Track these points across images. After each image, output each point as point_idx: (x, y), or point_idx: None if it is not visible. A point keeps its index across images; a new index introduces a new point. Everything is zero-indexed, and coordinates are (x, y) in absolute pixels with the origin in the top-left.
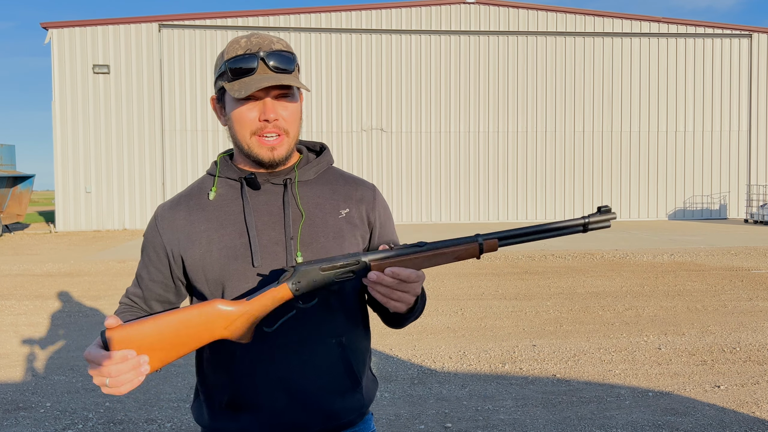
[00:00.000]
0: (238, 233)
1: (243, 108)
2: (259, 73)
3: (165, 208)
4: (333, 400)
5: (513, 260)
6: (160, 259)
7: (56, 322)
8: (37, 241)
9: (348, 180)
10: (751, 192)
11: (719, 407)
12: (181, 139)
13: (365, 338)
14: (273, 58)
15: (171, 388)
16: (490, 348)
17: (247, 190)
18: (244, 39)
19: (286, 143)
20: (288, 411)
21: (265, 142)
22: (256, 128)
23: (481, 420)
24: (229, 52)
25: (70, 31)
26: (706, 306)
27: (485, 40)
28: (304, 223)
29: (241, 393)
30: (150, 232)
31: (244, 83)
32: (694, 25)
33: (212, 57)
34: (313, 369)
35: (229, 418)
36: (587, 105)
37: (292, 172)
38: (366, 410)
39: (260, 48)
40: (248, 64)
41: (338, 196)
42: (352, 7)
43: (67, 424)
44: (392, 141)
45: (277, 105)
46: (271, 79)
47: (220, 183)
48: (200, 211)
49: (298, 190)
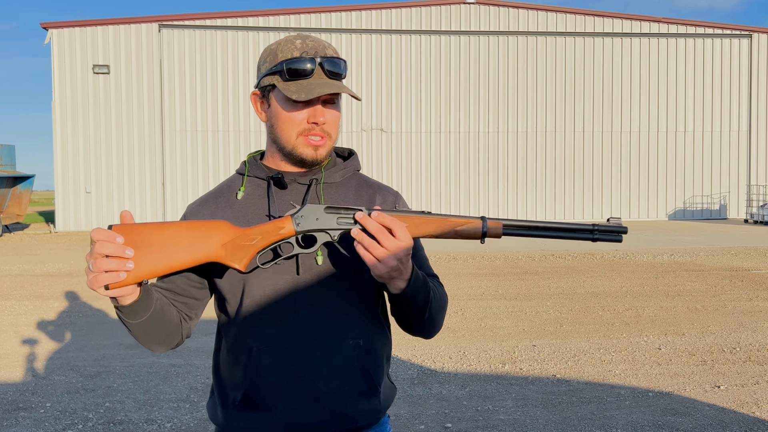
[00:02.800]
0: None
1: (294, 110)
2: (315, 77)
3: (194, 206)
4: (348, 403)
5: (513, 260)
6: None
7: (56, 322)
8: (37, 241)
9: (372, 185)
10: (751, 192)
11: (719, 407)
12: (181, 139)
13: (385, 344)
14: (329, 64)
15: (171, 388)
16: (490, 348)
17: (274, 189)
18: (299, 40)
19: (328, 145)
20: (302, 412)
21: (310, 141)
22: (304, 129)
23: (481, 420)
24: (285, 51)
25: (70, 31)
26: (706, 306)
27: (485, 40)
28: None
29: (256, 391)
30: None
31: (301, 86)
32: (694, 25)
33: (212, 57)
34: (330, 370)
35: (243, 416)
36: (587, 105)
37: (318, 173)
38: (382, 415)
39: (317, 52)
40: (306, 66)
41: (361, 201)
42: (352, 7)
43: (67, 424)
44: (392, 141)
45: (325, 109)
46: (332, 86)
47: (249, 182)
48: (228, 208)
49: (323, 191)
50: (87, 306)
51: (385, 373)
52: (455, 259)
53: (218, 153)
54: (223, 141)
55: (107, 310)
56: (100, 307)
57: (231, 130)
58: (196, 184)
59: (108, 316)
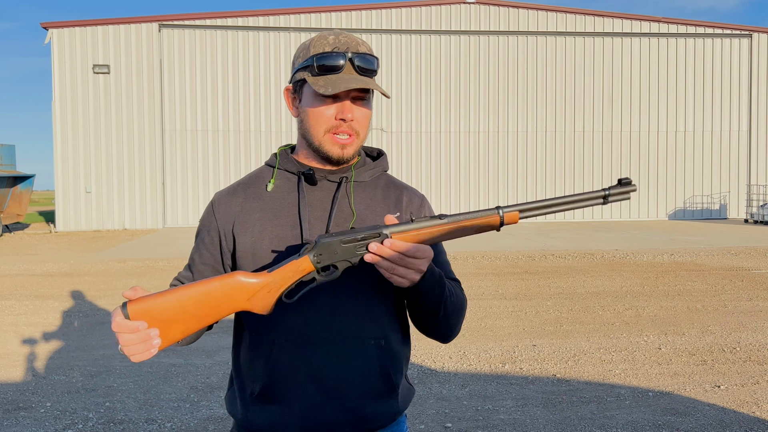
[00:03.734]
0: (290, 225)
1: (322, 105)
2: (345, 72)
3: (222, 194)
4: (367, 403)
5: (513, 260)
6: (213, 242)
7: (56, 322)
8: (37, 241)
9: (399, 186)
10: (751, 192)
11: (719, 407)
12: (181, 139)
13: (404, 345)
14: (360, 60)
15: (171, 388)
16: (490, 348)
17: (304, 185)
18: (332, 36)
19: (356, 144)
20: (320, 408)
21: (337, 140)
22: (332, 126)
23: (481, 420)
24: (317, 47)
25: (70, 31)
26: (706, 306)
27: (485, 40)
28: (354, 222)
29: (275, 384)
30: (206, 217)
31: (330, 80)
32: (694, 25)
33: (212, 57)
34: (349, 368)
35: (260, 409)
36: (587, 105)
37: (348, 172)
38: (399, 415)
39: (348, 48)
40: (336, 61)
41: (389, 201)
42: (352, 7)
43: (67, 424)
44: (392, 141)
45: (354, 107)
46: (359, 81)
47: (279, 175)
48: (257, 199)
49: (353, 190)
50: (87, 306)
51: (404, 374)
52: (455, 259)
53: (218, 153)
54: (223, 141)
55: (107, 311)
56: (100, 308)
57: (231, 130)
58: (196, 184)
59: (108, 315)
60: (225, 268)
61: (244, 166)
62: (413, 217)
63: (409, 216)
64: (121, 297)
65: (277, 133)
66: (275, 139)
